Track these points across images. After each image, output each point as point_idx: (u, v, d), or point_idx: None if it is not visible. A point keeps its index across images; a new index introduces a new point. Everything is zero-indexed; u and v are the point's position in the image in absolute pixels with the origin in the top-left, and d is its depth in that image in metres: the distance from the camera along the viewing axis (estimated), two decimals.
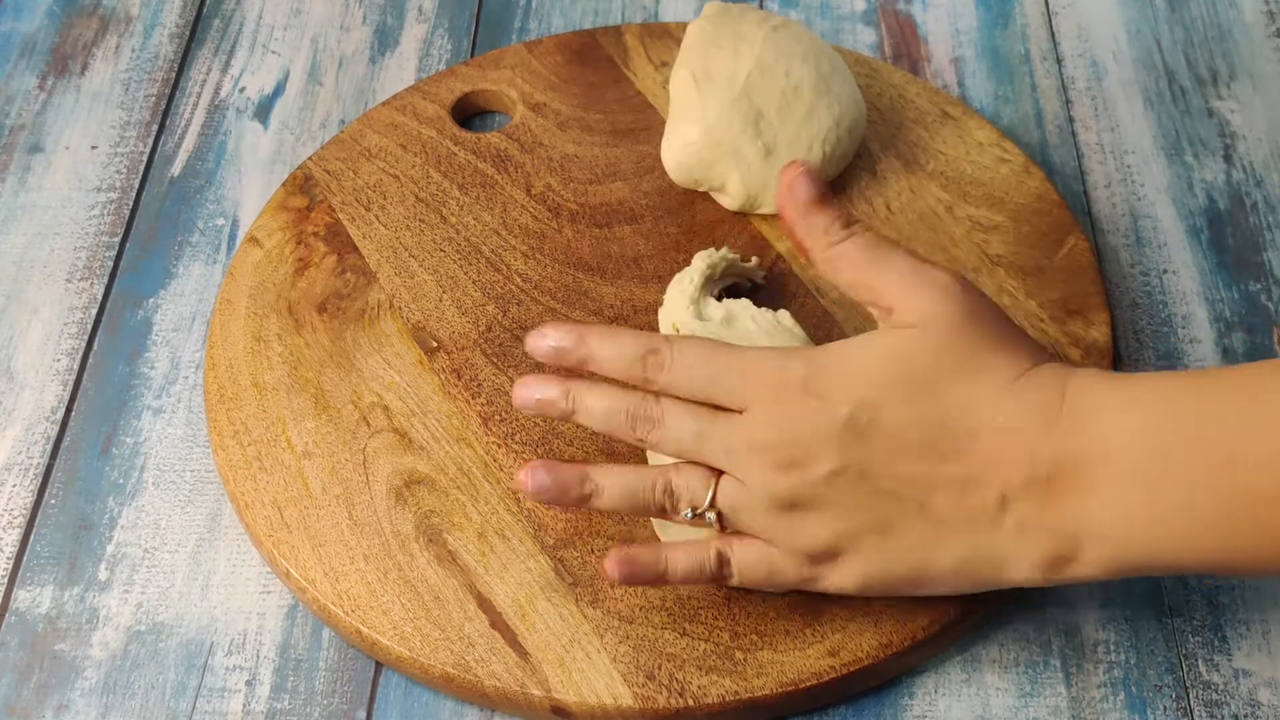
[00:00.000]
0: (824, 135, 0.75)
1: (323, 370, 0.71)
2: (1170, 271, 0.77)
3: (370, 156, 0.81)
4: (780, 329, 0.67)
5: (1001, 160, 0.79)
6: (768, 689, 0.60)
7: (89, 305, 0.77)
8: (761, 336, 0.66)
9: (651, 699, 0.60)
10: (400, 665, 0.62)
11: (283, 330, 0.73)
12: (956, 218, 0.77)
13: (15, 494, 0.70)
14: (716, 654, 0.61)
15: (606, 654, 0.61)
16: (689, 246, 0.76)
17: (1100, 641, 0.64)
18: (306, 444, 0.68)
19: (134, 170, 0.83)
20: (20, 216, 0.81)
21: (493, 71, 0.85)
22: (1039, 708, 0.62)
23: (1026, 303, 0.73)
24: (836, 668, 0.61)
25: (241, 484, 0.67)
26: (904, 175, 0.79)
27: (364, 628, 0.62)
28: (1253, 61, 0.88)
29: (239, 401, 0.70)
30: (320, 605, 0.64)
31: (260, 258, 0.76)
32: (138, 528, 0.68)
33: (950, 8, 0.91)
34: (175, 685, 0.63)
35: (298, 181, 0.80)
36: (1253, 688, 0.62)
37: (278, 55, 0.90)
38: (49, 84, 0.88)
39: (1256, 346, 0.74)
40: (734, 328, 0.67)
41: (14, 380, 0.74)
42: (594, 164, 0.80)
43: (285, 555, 0.65)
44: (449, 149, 0.81)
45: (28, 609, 0.66)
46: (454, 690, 0.62)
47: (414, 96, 0.84)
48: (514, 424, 0.69)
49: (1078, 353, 0.71)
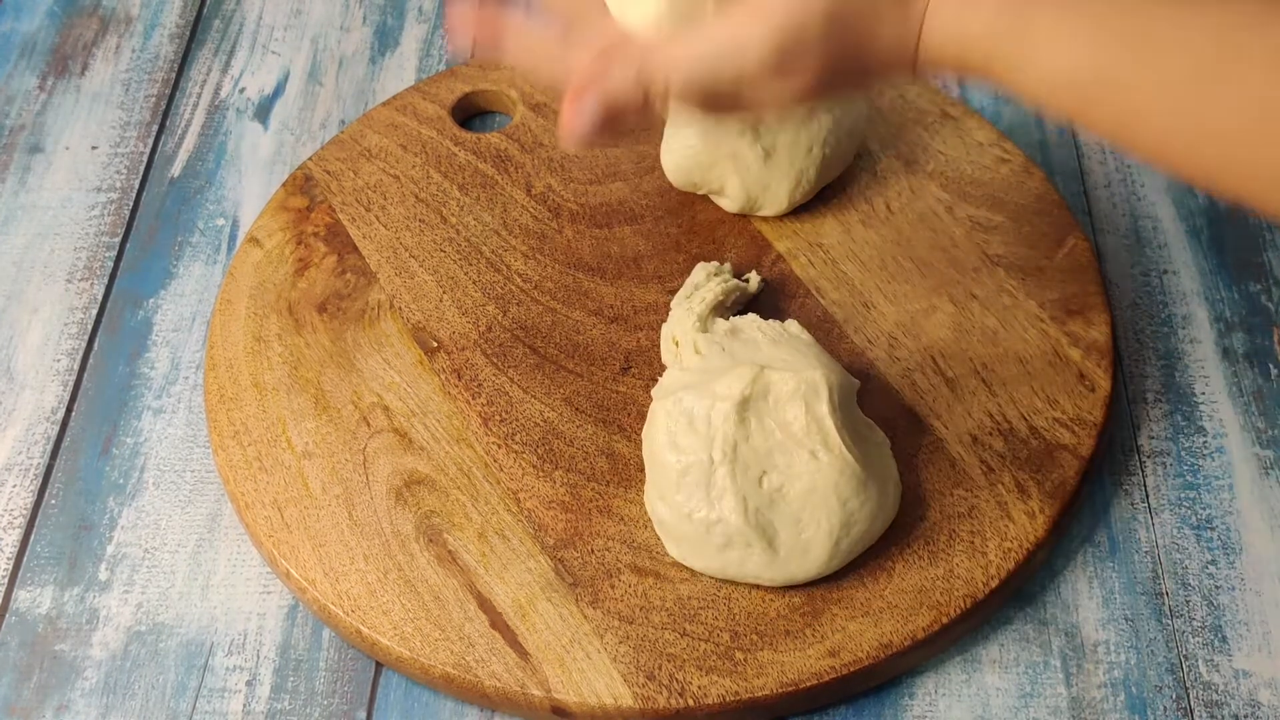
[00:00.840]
0: (823, 137, 0.75)
1: (323, 370, 0.71)
2: (1170, 271, 0.77)
3: (370, 157, 0.81)
4: (788, 337, 0.67)
5: (1002, 160, 0.79)
6: (768, 689, 0.60)
7: (89, 305, 0.77)
8: (768, 345, 0.66)
9: (652, 699, 0.60)
10: (400, 665, 0.63)
11: (283, 330, 0.73)
12: (957, 217, 0.77)
13: (15, 494, 0.70)
14: (717, 654, 0.61)
15: (607, 654, 0.61)
16: (689, 247, 0.76)
17: (1100, 641, 0.64)
18: (307, 444, 0.68)
19: (134, 170, 0.83)
20: (20, 217, 0.81)
21: (493, 72, 0.85)
22: (1039, 708, 0.62)
23: (1026, 303, 0.73)
24: (836, 668, 0.61)
25: (242, 484, 0.67)
26: (904, 175, 0.79)
27: (364, 628, 0.62)
28: None
29: (239, 402, 0.70)
30: (320, 605, 0.64)
31: (260, 258, 0.76)
32: (138, 528, 0.68)
33: None
34: (175, 685, 0.63)
35: (298, 182, 0.80)
36: (1253, 688, 0.62)
37: (278, 55, 0.90)
38: (49, 84, 0.88)
39: (1256, 346, 0.74)
40: (739, 338, 0.67)
41: (14, 380, 0.74)
42: (594, 164, 0.80)
43: (285, 555, 0.65)
44: (449, 149, 0.81)
45: (28, 609, 0.66)
46: (454, 690, 0.62)
47: (414, 97, 0.84)
48: (514, 424, 0.69)
49: (1078, 352, 0.71)
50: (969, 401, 0.69)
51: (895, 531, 0.65)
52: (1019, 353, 0.71)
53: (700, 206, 0.78)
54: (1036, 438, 0.68)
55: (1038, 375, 0.70)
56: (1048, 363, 0.70)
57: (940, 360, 0.71)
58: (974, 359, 0.71)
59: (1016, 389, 0.70)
